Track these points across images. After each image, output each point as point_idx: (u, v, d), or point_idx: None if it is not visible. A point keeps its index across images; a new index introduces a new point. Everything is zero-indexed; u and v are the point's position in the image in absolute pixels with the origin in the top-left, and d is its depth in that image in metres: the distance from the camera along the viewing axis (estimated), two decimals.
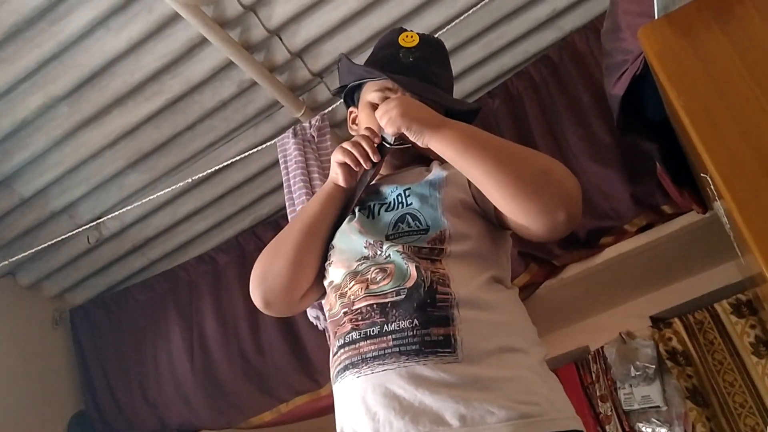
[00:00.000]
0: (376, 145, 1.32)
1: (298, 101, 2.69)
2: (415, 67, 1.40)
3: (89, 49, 2.37)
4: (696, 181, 2.07)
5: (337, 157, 1.33)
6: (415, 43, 1.42)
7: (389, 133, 1.28)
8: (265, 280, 1.36)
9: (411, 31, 1.45)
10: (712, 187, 1.34)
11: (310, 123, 2.54)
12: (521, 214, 1.19)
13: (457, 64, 2.77)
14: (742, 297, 2.79)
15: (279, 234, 1.40)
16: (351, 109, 1.53)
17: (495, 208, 1.24)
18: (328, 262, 1.34)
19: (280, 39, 2.51)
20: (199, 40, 2.40)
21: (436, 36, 1.54)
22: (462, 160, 1.22)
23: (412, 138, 1.26)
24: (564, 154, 2.67)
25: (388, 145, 1.32)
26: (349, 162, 1.31)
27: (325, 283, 1.34)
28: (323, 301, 1.38)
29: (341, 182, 1.35)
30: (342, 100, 1.59)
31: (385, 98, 1.38)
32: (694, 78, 1.33)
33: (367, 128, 1.35)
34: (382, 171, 1.43)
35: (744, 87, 1.28)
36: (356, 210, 1.35)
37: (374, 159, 1.31)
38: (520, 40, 2.80)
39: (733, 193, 1.20)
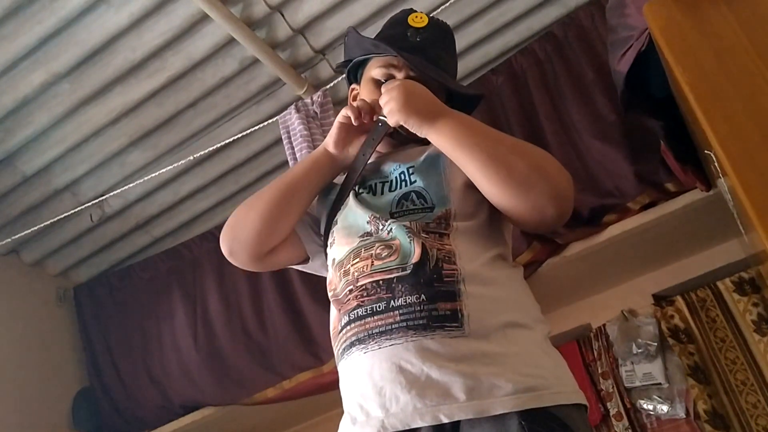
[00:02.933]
0: (377, 121, 1.33)
1: (301, 79, 2.68)
2: (422, 47, 1.39)
3: (90, 26, 2.36)
4: (700, 159, 2.07)
5: (339, 116, 1.35)
6: (424, 24, 1.41)
7: (391, 123, 1.30)
8: (233, 230, 1.39)
9: (422, 12, 1.44)
10: (716, 164, 1.34)
11: (312, 99, 2.52)
12: (509, 207, 1.23)
13: (460, 41, 2.73)
14: (745, 275, 2.79)
15: (259, 191, 1.42)
16: (353, 86, 1.53)
17: None
18: (330, 241, 1.34)
19: (282, 15, 2.50)
20: (201, 17, 2.39)
21: (442, 20, 1.51)
22: (457, 153, 1.24)
23: (411, 130, 1.28)
24: (567, 131, 2.67)
25: (386, 126, 1.32)
26: (351, 115, 1.33)
27: (328, 261, 1.34)
28: (327, 281, 1.38)
29: (331, 145, 1.37)
30: (345, 77, 1.59)
31: (389, 75, 1.39)
32: (699, 54, 1.33)
33: (363, 100, 1.37)
34: (381, 149, 1.42)
35: (749, 63, 1.27)
36: (357, 188, 1.35)
37: (365, 120, 1.33)
38: (524, 17, 2.77)
39: (737, 170, 1.20)
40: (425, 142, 1.38)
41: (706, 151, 1.47)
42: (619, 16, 1.84)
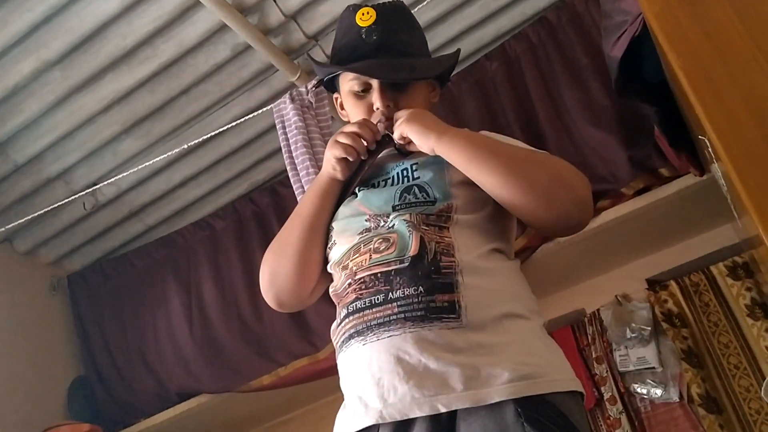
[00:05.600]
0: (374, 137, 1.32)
1: (293, 65, 2.66)
2: (382, 44, 1.36)
3: (81, 13, 2.34)
4: (694, 144, 2.07)
5: (335, 151, 1.31)
6: (373, 20, 1.37)
7: (395, 137, 1.29)
8: (274, 283, 1.37)
9: (365, 6, 1.40)
10: (709, 149, 1.34)
11: (306, 88, 2.51)
12: (533, 219, 1.25)
13: (454, 26, 2.75)
14: (739, 259, 2.80)
15: (280, 233, 1.40)
16: (335, 95, 1.51)
17: None
18: (330, 244, 1.34)
19: (274, 1, 2.48)
20: (192, 3, 2.37)
21: (397, 0, 1.48)
22: (473, 167, 1.23)
23: (417, 144, 1.27)
24: (561, 117, 2.66)
25: (391, 141, 1.32)
26: (350, 158, 1.30)
27: (330, 262, 1.34)
28: None
29: (340, 177, 1.34)
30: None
31: (364, 84, 1.37)
32: (693, 39, 1.32)
33: (364, 119, 1.35)
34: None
35: (743, 48, 1.27)
36: (356, 188, 1.35)
37: (371, 147, 1.32)
38: (517, 2, 2.77)
39: (731, 155, 1.20)
40: None
41: (699, 137, 1.47)
42: (614, 1, 1.83)
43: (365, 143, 1.31)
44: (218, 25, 2.46)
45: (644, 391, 2.83)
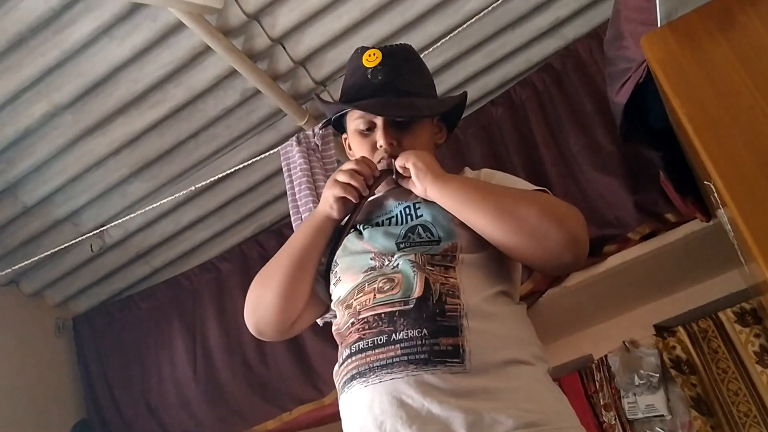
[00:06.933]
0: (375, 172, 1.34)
1: (301, 110, 2.69)
2: (387, 84, 1.39)
3: (93, 58, 2.38)
4: (699, 189, 2.07)
5: (335, 191, 1.32)
6: (378, 61, 1.40)
7: (397, 164, 1.31)
8: (256, 312, 1.39)
9: (372, 48, 1.44)
10: (715, 195, 1.34)
11: (313, 131, 2.53)
12: (526, 257, 1.26)
13: (459, 73, 2.78)
14: (747, 305, 2.78)
15: (268, 264, 1.40)
16: (344, 136, 1.53)
17: None
18: (334, 280, 1.33)
19: (284, 48, 2.52)
20: (203, 49, 2.41)
21: (404, 44, 1.52)
22: (465, 210, 1.24)
23: (414, 179, 1.29)
24: (567, 162, 2.67)
25: (389, 176, 1.34)
26: (350, 197, 1.31)
27: (333, 300, 1.34)
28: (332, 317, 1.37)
29: (336, 215, 1.35)
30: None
31: (369, 122, 1.40)
32: (697, 86, 1.33)
33: (362, 157, 1.36)
34: (382, 187, 1.42)
35: (747, 95, 1.28)
36: (362, 226, 1.35)
37: (368, 183, 1.33)
38: (522, 49, 2.80)
39: (737, 200, 1.20)
40: None
41: (705, 182, 1.47)
42: (617, 49, 1.85)
43: (366, 179, 1.32)
44: (228, 70, 2.50)
45: None
